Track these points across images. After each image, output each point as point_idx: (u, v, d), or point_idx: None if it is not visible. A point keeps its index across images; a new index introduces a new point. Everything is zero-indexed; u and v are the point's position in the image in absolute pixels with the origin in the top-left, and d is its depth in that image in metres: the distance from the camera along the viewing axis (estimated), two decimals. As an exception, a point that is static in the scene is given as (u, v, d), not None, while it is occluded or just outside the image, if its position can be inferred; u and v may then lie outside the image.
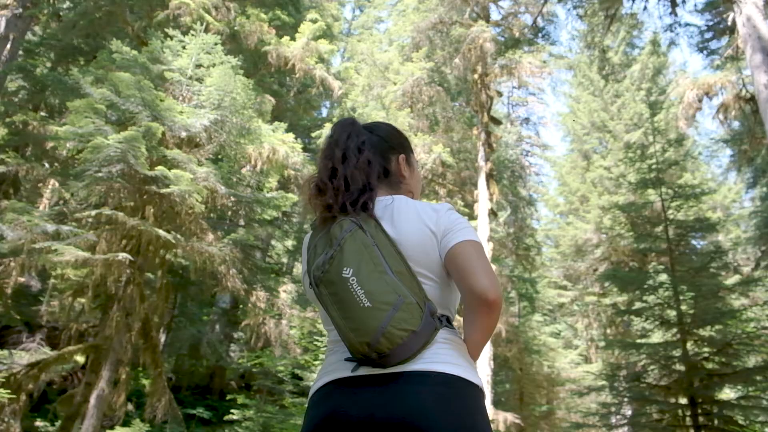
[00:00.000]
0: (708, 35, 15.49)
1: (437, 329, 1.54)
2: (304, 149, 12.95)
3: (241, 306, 15.45)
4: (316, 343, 10.50)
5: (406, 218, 1.70)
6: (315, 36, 13.32)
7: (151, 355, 8.88)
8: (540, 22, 13.56)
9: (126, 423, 9.87)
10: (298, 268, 20.36)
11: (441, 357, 1.55)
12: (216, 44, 10.10)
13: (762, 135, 13.83)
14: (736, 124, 15.97)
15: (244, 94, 9.65)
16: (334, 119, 16.39)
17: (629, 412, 11.43)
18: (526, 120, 24.66)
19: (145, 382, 13.76)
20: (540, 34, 12.07)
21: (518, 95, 23.57)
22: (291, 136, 11.10)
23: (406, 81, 16.08)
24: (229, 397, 12.98)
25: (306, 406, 1.70)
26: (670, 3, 10.97)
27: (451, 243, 1.66)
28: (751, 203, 21.39)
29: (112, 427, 9.72)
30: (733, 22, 12.99)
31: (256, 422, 10.89)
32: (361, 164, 1.76)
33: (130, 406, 11.59)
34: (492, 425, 10.29)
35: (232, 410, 11.58)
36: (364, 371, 1.54)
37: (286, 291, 12.79)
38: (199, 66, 10.21)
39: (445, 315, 1.65)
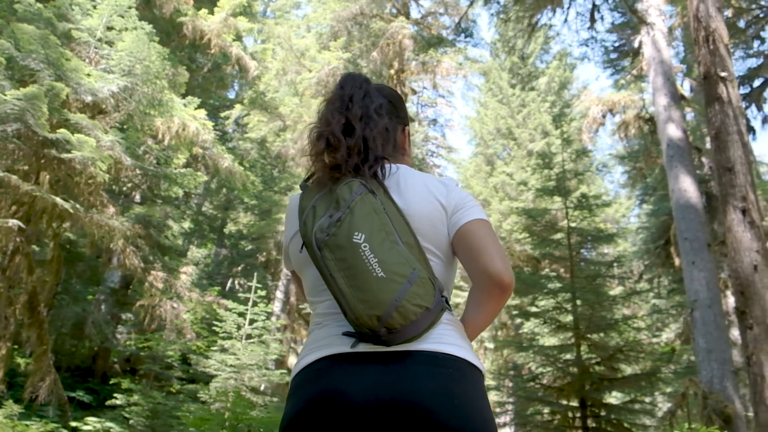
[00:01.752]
0: (614, 55, 16.30)
1: (443, 309, 1.45)
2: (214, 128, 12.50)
3: (131, 286, 14.75)
4: (214, 328, 10.13)
5: (414, 189, 1.60)
6: (235, 12, 12.89)
7: (36, 331, 8.25)
8: (463, 24, 13.74)
9: (-2, 403, 9.16)
10: (194, 251, 19.72)
11: (447, 338, 1.46)
12: (130, 8, 9.54)
13: (657, 154, 14.69)
14: (634, 141, 16.88)
15: (158, 63, 9.17)
16: (245, 101, 15.97)
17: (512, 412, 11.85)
18: (434, 121, 25.01)
19: (21, 360, 12.86)
20: (463, 36, 12.25)
21: (428, 96, 23.85)
22: (203, 112, 10.70)
23: (322, 69, 15.87)
24: (112, 381, 12.32)
25: (291, 383, 1.52)
26: (590, 18, 11.42)
27: (463, 220, 1.58)
28: (637, 219, 22.74)
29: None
30: (640, 44, 13.73)
31: (142, 408, 10.39)
32: (381, 129, 1.64)
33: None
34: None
35: (115, 395, 11.00)
36: (364, 348, 1.41)
37: (187, 273, 12.29)
38: (110, 29, 9.62)
39: (444, 296, 1.54)
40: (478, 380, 1.46)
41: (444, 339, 1.46)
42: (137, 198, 13.93)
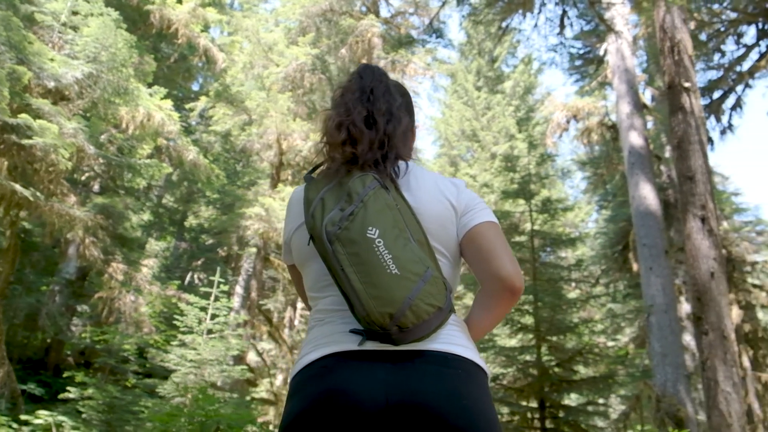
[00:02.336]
0: (579, 62, 16.57)
1: (451, 310, 1.44)
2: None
3: (87, 277, 14.41)
4: (174, 323, 9.95)
5: (425, 188, 1.58)
6: (203, 3, 12.70)
7: (-10, 321, 7.99)
8: (435, 24, 13.80)
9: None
10: (153, 244, 19.37)
11: (455, 339, 1.45)
12: (96, -8, 9.32)
13: (618, 161, 14.98)
14: (596, 148, 17.18)
15: (125, 50, 8.97)
16: (211, 94, 15.74)
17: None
18: (399, 121, 25.08)
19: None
20: (434, 36, 12.30)
21: (393, 96, 23.90)
22: (169, 103, 10.50)
23: (289, 64, 15.77)
24: (66, 374, 12.02)
25: (293, 381, 1.47)
26: (559, 23, 11.58)
27: (473, 222, 1.57)
28: (595, 224, 23.17)
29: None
30: (605, 52, 13.98)
31: (97, 402, 10.16)
32: (403, 127, 1.63)
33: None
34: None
35: (68, 388, 10.73)
36: (372, 346, 1.38)
37: (148, 266, 12.06)
38: (75, 13, 9.38)
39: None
40: (483, 381, 1.45)
41: (452, 339, 1.44)
42: (96, 188, 13.63)
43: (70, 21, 9.21)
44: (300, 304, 18.36)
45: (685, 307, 15.76)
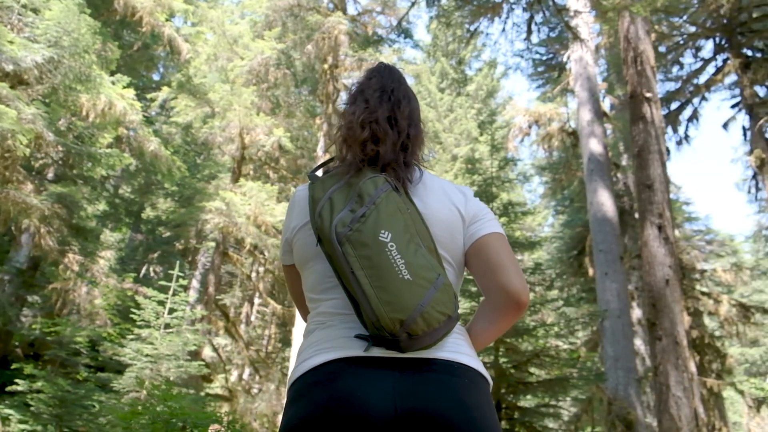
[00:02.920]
0: (541, 68, 16.82)
1: (457, 319, 1.41)
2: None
3: (39, 267, 14.02)
4: (131, 316, 9.77)
5: (434, 194, 1.56)
6: (169, -9, 12.50)
7: (-62, 310, 7.72)
8: (404, 24, 13.84)
9: None
10: (107, 235, 18.95)
11: (461, 348, 1.44)
12: (60, -25, 9.07)
13: (577, 167, 15.26)
14: (556, 153, 17.45)
15: (88, 36, 8.76)
16: (174, 84, 15.50)
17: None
18: (361, 119, 25.09)
19: None
20: (402, 36, 12.32)
21: (357, 93, 23.88)
22: (132, 92, 10.29)
23: (255, 58, 15.63)
24: (14, 365, 11.68)
25: (294, 385, 1.41)
26: (527, 29, 11.74)
27: (481, 232, 1.55)
28: (551, 228, 23.56)
29: None
30: (568, 59, 14.23)
31: (48, 396, 9.90)
32: (420, 133, 1.62)
33: None
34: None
35: (16, 380, 10.44)
36: (378, 352, 1.34)
37: (105, 258, 11.79)
38: (36, -5, 9.12)
39: None
40: (487, 391, 1.43)
41: (459, 348, 1.43)
42: (50, 175, 13.27)
43: (30, 3, 8.96)
44: (258, 300, 18.22)
45: (636, 313, 16.14)
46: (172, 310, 9.66)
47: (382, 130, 1.52)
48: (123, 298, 12.19)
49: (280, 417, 14.32)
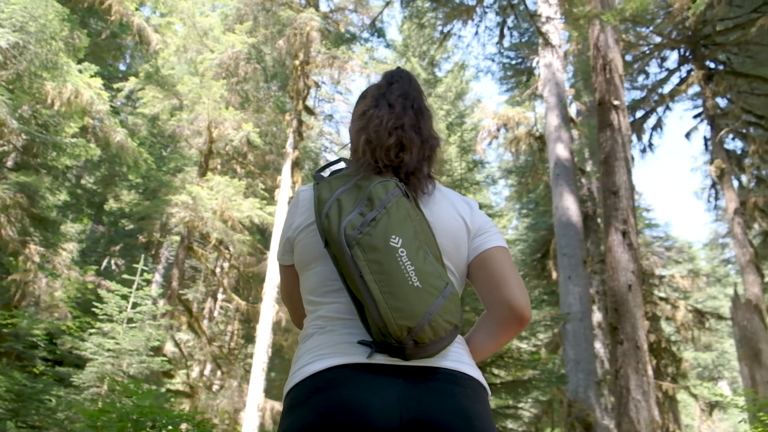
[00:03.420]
0: (510, 72, 16.98)
1: (460, 329, 1.40)
2: (107, 99, 11.83)
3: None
4: (93, 310, 9.57)
5: (440, 203, 1.55)
6: (140, -20, 12.29)
7: None
8: (378, 23, 13.85)
9: None
10: (68, 226, 18.55)
11: (463, 357, 1.43)
12: (27, -40, 8.86)
13: (543, 171, 15.46)
14: (522, 157, 17.65)
15: (56, 23, 8.57)
16: (141, 74, 15.24)
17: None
18: (330, 117, 25.04)
19: None
20: (376, 36, 12.31)
21: (326, 91, 23.80)
22: (99, 81, 10.10)
23: (225, 51, 15.47)
24: (-33, 358, 11.38)
25: (292, 392, 1.36)
26: (499, 33, 11.84)
27: (486, 245, 1.54)
28: (514, 231, 23.80)
29: None
30: (537, 64, 14.40)
31: (2, 389, 9.66)
32: (438, 145, 1.60)
33: None
34: (260, 413, 10.11)
35: (-30, 373, 10.17)
36: (381, 359, 1.31)
37: (67, 249, 11.54)
38: (2, -21, 8.89)
39: None
40: (486, 400, 1.42)
41: (461, 358, 1.42)
42: (9, 163, 12.94)
43: (-4, -13, 8.73)
44: (221, 295, 18.04)
45: (597, 316, 16.41)
46: (135, 305, 9.51)
47: (408, 138, 1.50)
48: (84, 290, 11.94)
49: (241, 414, 14.23)
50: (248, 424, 11.79)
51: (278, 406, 14.04)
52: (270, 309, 13.27)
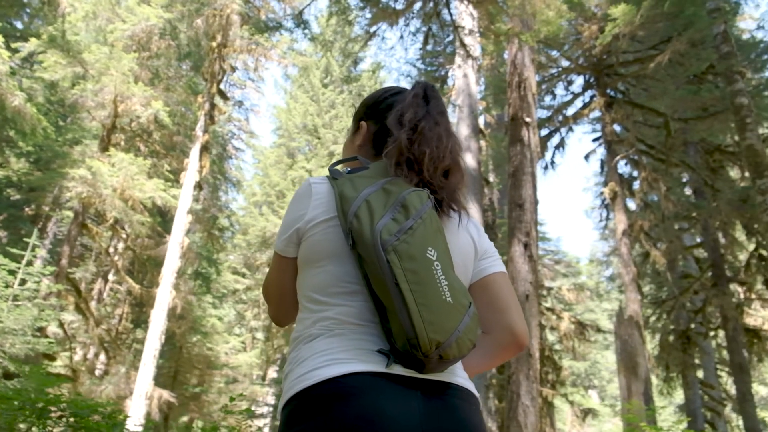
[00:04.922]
0: (426, 78, 17.25)
1: None
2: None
3: None
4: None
5: (453, 221, 1.53)
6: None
7: None
8: (305, 15, 13.67)
9: None
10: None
11: (465, 373, 1.46)
12: None
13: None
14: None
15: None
16: (44, 37, 14.34)
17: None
18: (240, 103, 24.55)
19: None
20: (301, 27, 12.15)
21: (238, 77, 23.32)
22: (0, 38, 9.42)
23: (138, 24, 14.88)
24: None
25: (302, 396, 1.29)
26: (423, 39, 11.98)
27: (491, 270, 1.56)
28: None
29: None
30: (452, 74, 14.72)
31: None
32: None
33: None
34: (148, 402, 9.78)
35: None
36: (399, 370, 1.28)
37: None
38: None
39: None
40: (481, 414, 1.46)
41: (464, 374, 1.45)
42: None
43: None
44: (113, 277, 17.24)
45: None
46: (23, 281, 8.96)
47: (454, 161, 1.51)
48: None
49: (127, 402, 13.66)
50: (134, 412, 11.37)
51: (167, 394, 13.62)
52: (166, 294, 12.85)
